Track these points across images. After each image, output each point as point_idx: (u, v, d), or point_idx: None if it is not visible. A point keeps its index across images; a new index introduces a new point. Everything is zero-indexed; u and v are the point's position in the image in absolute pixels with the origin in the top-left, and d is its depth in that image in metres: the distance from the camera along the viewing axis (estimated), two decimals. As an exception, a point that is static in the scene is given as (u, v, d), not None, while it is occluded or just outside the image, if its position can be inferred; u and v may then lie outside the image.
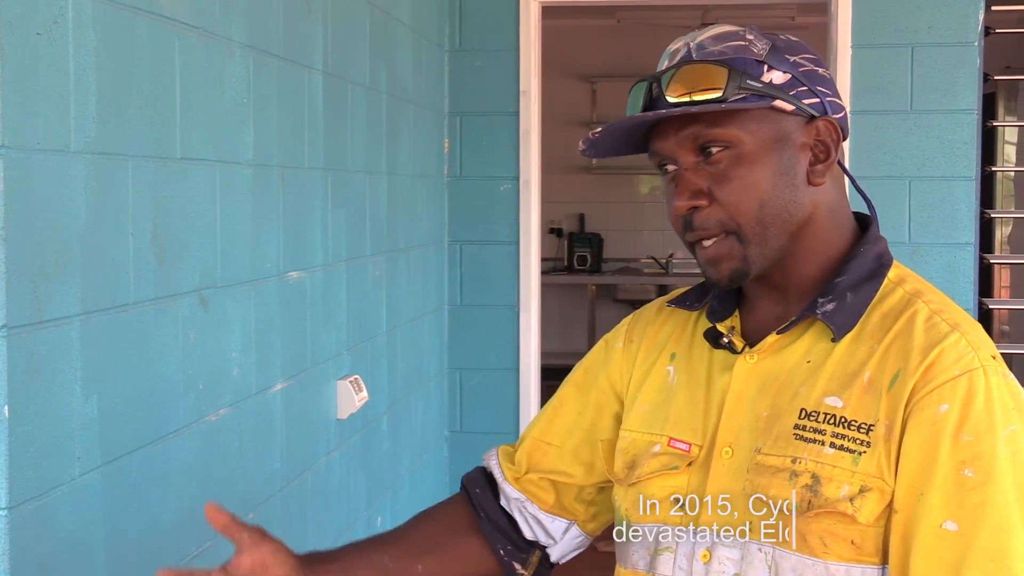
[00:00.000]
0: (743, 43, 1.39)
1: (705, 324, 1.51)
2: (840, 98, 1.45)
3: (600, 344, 1.66)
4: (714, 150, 1.37)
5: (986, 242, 4.71)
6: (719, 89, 1.35)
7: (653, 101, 1.40)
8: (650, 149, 1.43)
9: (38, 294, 1.62)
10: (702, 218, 1.38)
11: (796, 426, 1.36)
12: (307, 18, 2.77)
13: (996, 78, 4.95)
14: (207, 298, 2.19)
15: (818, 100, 1.40)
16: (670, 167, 1.41)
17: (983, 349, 1.34)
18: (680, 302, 1.55)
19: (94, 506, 1.79)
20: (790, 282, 1.44)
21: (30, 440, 1.61)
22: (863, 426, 1.33)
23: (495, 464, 1.66)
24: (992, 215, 4.78)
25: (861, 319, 1.39)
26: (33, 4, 1.62)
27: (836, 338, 1.38)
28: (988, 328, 6.27)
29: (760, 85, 1.36)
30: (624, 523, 1.49)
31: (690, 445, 1.44)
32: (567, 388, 1.66)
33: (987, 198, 5.25)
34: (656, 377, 1.53)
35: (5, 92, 1.54)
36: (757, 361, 1.43)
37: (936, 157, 4.29)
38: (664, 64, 1.42)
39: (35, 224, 1.62)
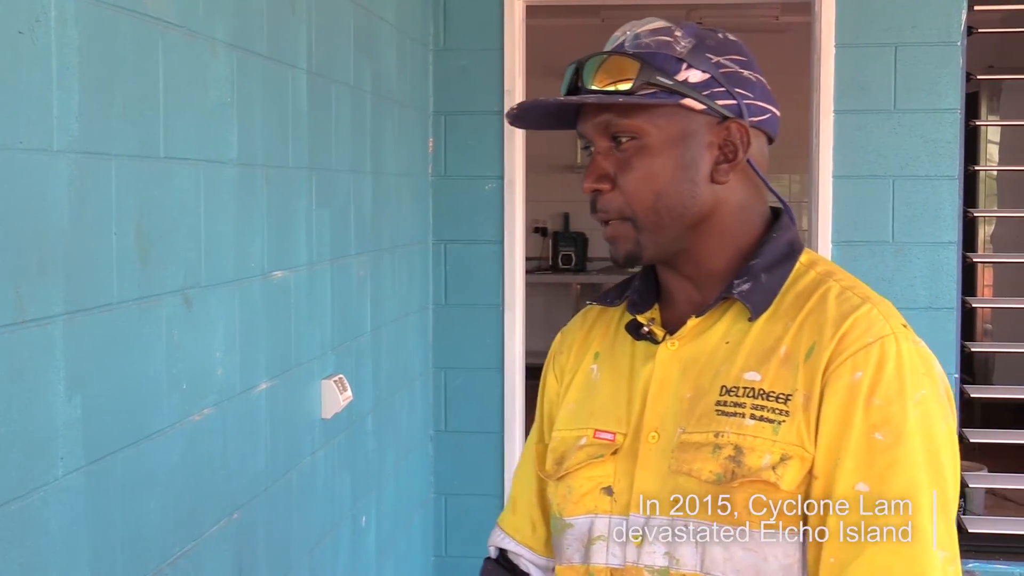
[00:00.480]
0: (669, 39, 1.45)
1: (627, 319, 1.56)
2: (768, 102, 1.49)
3: (542, 377, 1.70)
4: (623, 139, 1.44)
5: (969, 241, 4.72)
6: (629, 81, 1.42)
7: (577, 85, 1.46)
8: (577, 128, 1.50)
9: (21, 294, 1.61)
10: (604, 201, 1.46)
11: (718, 402, 1.41)
12: (291, 17, 2.76)
13: (979, 77, 4.96)
14: (191, 298, 2.19)
15: (734, 102, 1.45)
16: (591, 147, 1.48)
17: (893, 318, 1.40)
18: (602, 300, 1.60)
19: (78, 506, 1.78)
20: (701, 272, 1.49)
21: (13, 440, 1.61)
22: (781, 396, 1.38)
23: (515, 544, 1.65)
24: (975, 214, 4.79)
25: (776, 300, 1.45)
26: (15, 2, 1.61)
27: (753, 316, 1.43)
28: (971, 327, 6.30)
29: (671, 82, 1.42)
30: (558, 518, 1.52)
31: (614, 434, 1.49)
32: (530, 439, 1.70)
33: (970, 197, 5.28)
34: (580, 377, 1.58)
35: (-13, 91, 1.53)
36: (678, 347, 1.48)
37: (919, 156, 4.30)
38: (606, 48, 1.49)
39: (17, 224, 1.62)
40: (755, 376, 1.40)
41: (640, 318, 1.52)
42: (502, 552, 1.67)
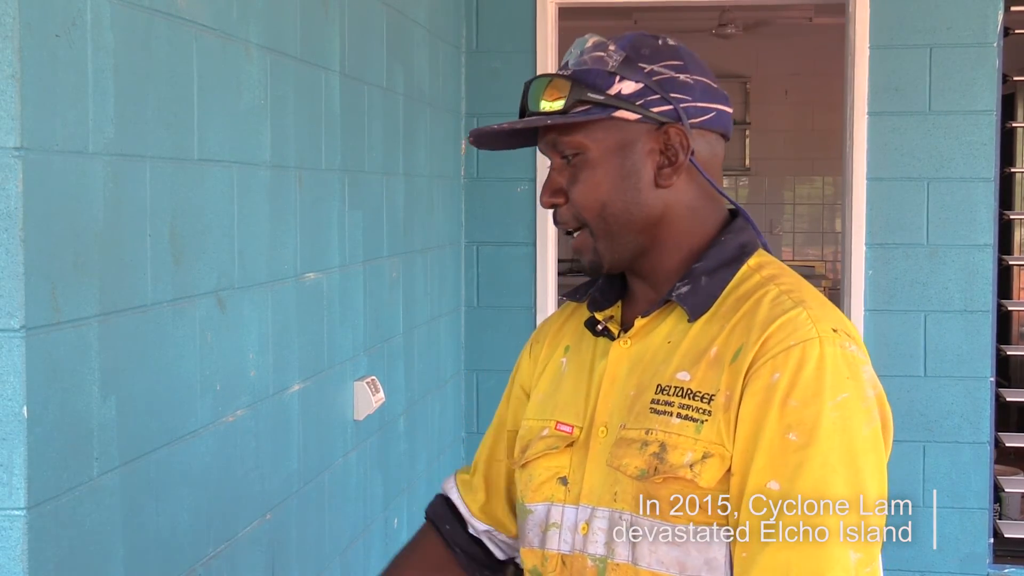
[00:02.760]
0: (602, 54, 1.51)
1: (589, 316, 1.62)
2: (712, 101, 1.52)
3: (519, 358, 1.77)
4: (569, 155, 1.51)
5: (1005, 244, 4.69)
6: (562, 100, 1.49)
7: (525, 107, 1.53)
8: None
9: (56, 295, 1.63)
10: (560, 214, 1.53)
11: (652, 400, 1.46)
12: (324, 20, 2.77)
13: (1016, 79, 4.93)
14: (224, 299, 2.20)
15: (671, 107, 1.49)
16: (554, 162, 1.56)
17: (824, 322, 1.42)
18: (571, 295, 1.66)
19: (112, 506, 1.79)
20: (657, 273, 1.54)
21: (49, 441, 1.62)
22: (705, 396, 1.43)
23: (457, 498, 1.74)
24: (1011, 216, 4.76)
25: (717, 302, 1.49)
26: (52, 6, 1.62)
27: (691, 319, 1.48)
28: (1007, 330, 6.25)
29: (603, 97, 1.48)
30: (520, 504, 1.59)
31: (572, 427, 1.55)
32: (500, 404, 1.78)
33: (1006, 200, 5.23)
34: (551, 368, 1.64)
35: (24, 94, 1.55)
36: (630, 346, 1.53)
37: (955, 158, 4.27)
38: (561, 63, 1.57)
39: (54, 225, 1.63)
40: (685, 376, 1.45)
41: (598, 315, 1.58)
42: (448, 499, 1.76)
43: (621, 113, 1.48)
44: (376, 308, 3.23)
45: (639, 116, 1.48)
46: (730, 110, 1.55)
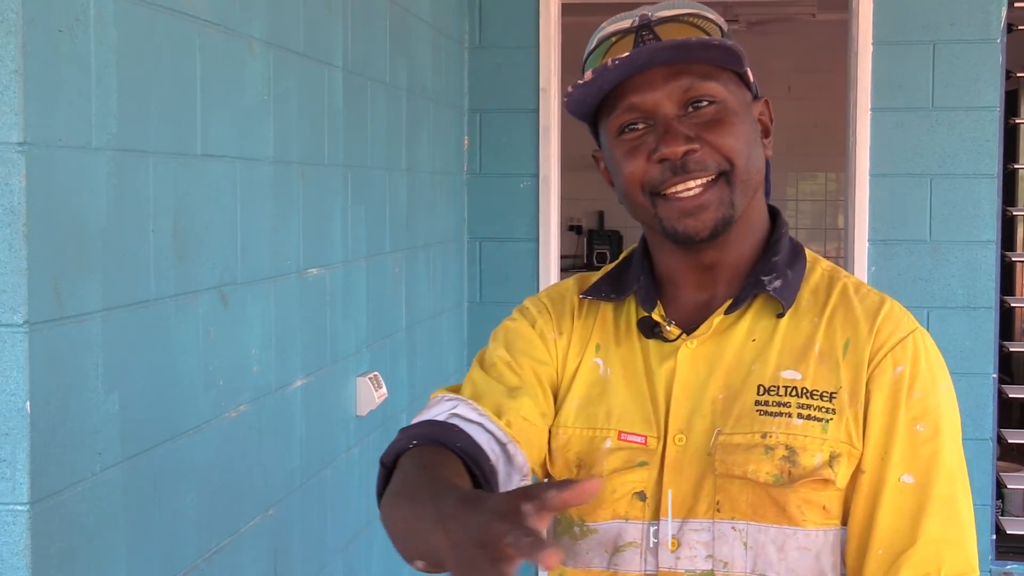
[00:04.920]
0: (708, 17, 1.43)
1: (628, 314, 1.50)
2: None
3: (523, 326, 1.54)
4: (703, 104, 1.38)
5: (1008, 240, 4.67)
6: (719, 34, 1.40)
7: (645, 42, 1.38)
8: (623, 105, 1.40)
9: (59, 290, 1.63)
10: (697, 160, 1.37)
11: (757, 402, 1.39)
12: (327, 15, 2.77)
13: (1019, 75, 4.92)
14: (227, 295, 2.20)
15: (753, 81, 1.47)
16: (640, 125, 1.40)
17: (909, 313, 1.45)
18: (596, 293, 1.52)
19: (115, 501, 1.79)
20: (725, 262, 1.46)
21: (51, 435, 1.62)
22: (825, 394, 1.39)
23: (488, 420, 1.40)
24: (1014, 213, 4.75)
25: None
26: (55, 1, 1.62)
27: (783, 313, 1.43)
28: (1010, 326, 6.24)
29: (741, 50, 1.39)
30: (577, 522, 1.45)
31: (645, 437, 1.43)
32: (489, 353, 1.53)
33: (1009, 196, 5.22)
34: (586, 371, 1.49)
35: (27, 89, 1.55)
36: (697, 346, 1.44)
37: (958, 154, 4.26)
38: (612, 31, 1.42)
39: (56, 220, 1.63)
40: (795, 375, 1.40)
41: (656, 316, 1.46)
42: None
43: (748, 71, 1.44)
44: (379, 304, 3.23)
45: (753, 80, 1.46)
46: None
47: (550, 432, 1.48)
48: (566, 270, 7.18)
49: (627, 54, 1.34)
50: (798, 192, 8.73)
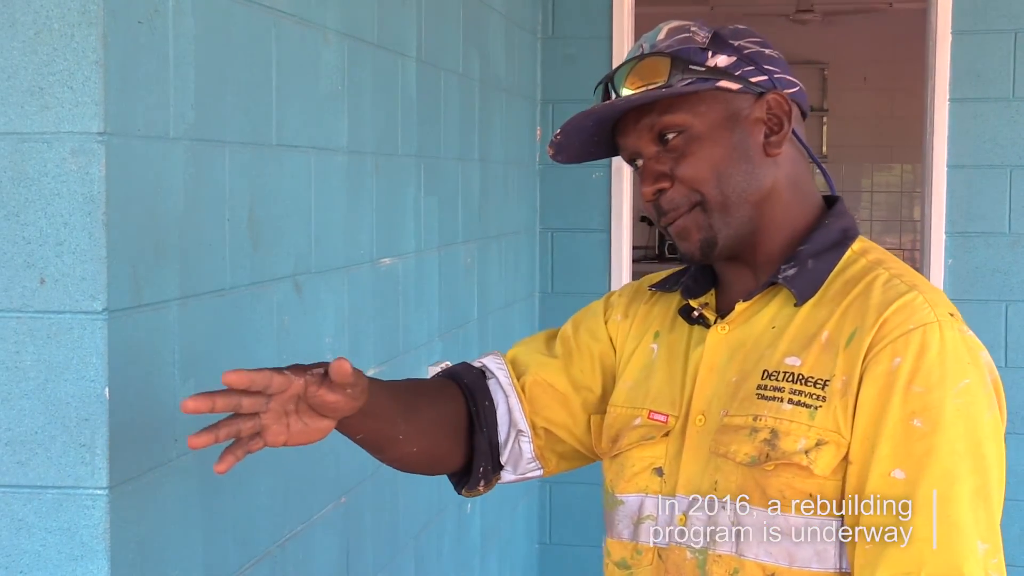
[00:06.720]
0: (688, 35, 1.48)
1: (683, 304, 1.58)
2: (792, 76, 1.52)
3: (598, 306, 1.72)
4: (670, 136, 1.46)
5: (1090, 233, 4.59)
6: (664, 77, 1.44)
7: (610, 97, 1.48)
8: (618, 147, 1.54)
9: (137, 278, 1.65)
10: (668, 199, 1.47)
11: (759, 386, 1.43)
12: (401, 6, 2.78)
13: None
14: (301, 283, 2.21)
15: (766, 77, 1.48)
16: (639, 162, 1.50)
17: (940, 307, 1.40)
18: (661, 286, 1.62)
19: (191, 487, 1.81)
20: (758, 256, 1.50)
21: (129, 422, 1.64)
22: (819, 381, 1.39)
23: (513, 391, 1.65)
24: (1096, 205, 4.66)
25: (824, 286, 1.45)
26: (134, -7, 1.64)
27: (798, 303, 1.45)
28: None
29: (703, 69, 1.45)
30: (610, 494, 1.56)
31: (667, 416, 1.51)
32: (566, 331, 1.72)
33: (1092, 187, 5.11)
34: (640, 355, 1.60)
35: (108, 80, 1.56)
36: (728, 332, 1.50)
37: (1039, 145, 4.19)
38: (600, 81, 1.52)
39: (135, 209, 1.65)
40: (795, 361, 1.42)
41: (693, 303, 1.54)
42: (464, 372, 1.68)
43: (723, 83, 1.45)
44: (451, 293, 3.24)
45: (740, 86, 1.46)
46: (805, 89, 1.54)
47: (606, 411, 1.61)
48: (637, 261, 7.17)
49: (580, 112, 1.49)
50: (873, 183, 8.64)
